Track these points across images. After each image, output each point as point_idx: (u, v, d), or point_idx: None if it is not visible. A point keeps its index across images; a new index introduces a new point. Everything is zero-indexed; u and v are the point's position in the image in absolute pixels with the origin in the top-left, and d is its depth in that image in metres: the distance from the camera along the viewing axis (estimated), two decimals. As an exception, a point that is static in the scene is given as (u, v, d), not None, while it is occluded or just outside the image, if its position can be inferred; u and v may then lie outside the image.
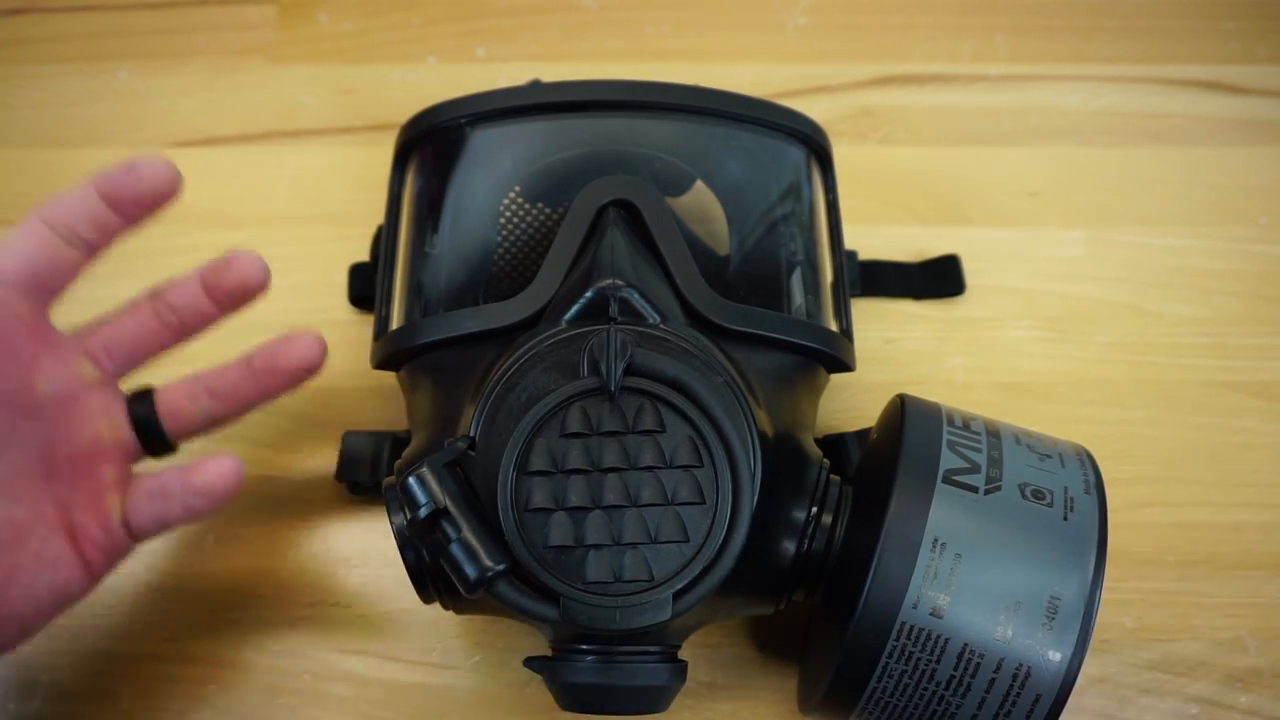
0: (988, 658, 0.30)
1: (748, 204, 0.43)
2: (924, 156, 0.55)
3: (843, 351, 0.40)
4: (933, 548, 0.31)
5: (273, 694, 0.41)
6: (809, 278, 0.42)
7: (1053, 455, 0.34)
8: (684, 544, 0.31)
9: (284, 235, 0.52)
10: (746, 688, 0.42)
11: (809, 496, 0.35)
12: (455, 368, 0.37)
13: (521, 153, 0.42)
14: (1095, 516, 0.32)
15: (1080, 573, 0.31)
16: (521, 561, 0.31)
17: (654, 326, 0.34)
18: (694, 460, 0.31)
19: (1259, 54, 0.58)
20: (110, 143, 0.55)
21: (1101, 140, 0.55)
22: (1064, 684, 0.30)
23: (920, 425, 0.34)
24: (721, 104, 0.41)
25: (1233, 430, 0.47)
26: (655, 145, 0.42)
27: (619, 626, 0.30)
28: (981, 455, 0.33)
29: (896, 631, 0.31)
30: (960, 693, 0.31)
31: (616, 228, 0.36)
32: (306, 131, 0.55)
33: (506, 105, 0.41)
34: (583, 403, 0.32)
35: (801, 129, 0.43)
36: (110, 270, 0.51)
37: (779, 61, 0.58)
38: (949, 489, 0.32)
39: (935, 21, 0.59)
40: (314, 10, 0.59)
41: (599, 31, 0.58)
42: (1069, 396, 0.48)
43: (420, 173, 0.44)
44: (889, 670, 0.31)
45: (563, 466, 0.31)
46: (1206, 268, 0.51)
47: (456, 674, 0.42)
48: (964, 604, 0.30)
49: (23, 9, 0.59)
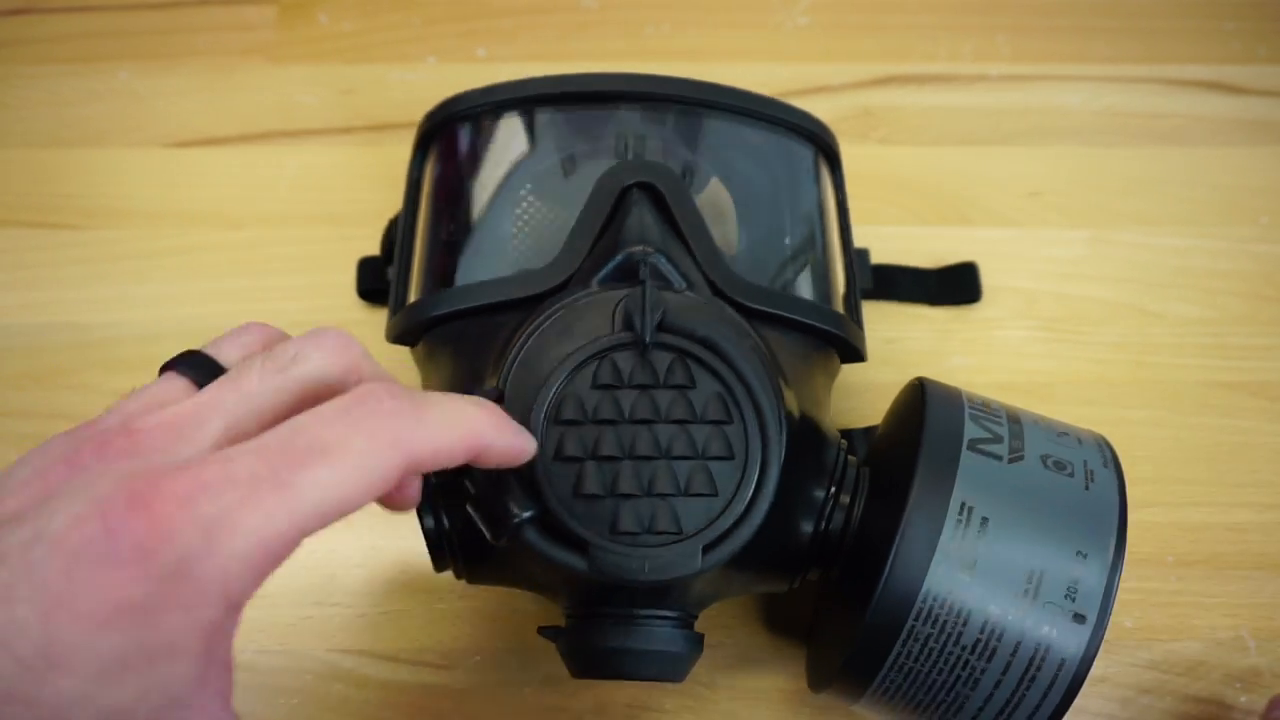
0: (1012, 621, 0.30)
1: (759, 200, 0.43)
2: (924, 156, 0.55)
3: (857, 339, 0.40)
4: (960, 511, 0.31)
5: (273, 694, 0.41)
6: (819, 274, 0.43)
7: (1070, 434, 0.35)
8: (713, 498, 0.31)
9: (284, 235, 0.52)
10: (747, 687, 0.42)
11: (828, 476, 0.35)
12: (478, 336, 0.37)
13: (540, 143, 0.43)
14: (1115, 488, 0.33)
15: (1103, 543, 0.31)
16: (551, 508, 0.31)
17: (683, 292, 0.35)
18: (724, 416, 0.32)
19: (1260, 54, 0.58)
20: (110, 143, 0.55)
21: (1103, 140, 0.55)
22: (1088, 651, 0.30)
23: (943, 399, 0.34)
24: (738, 100, 0.42)
25: (1234, 430, 0.47)
26: (672, 137, 0.42)
27: (648, 577, 0.30)
28: (1003, 428, 0.34)
29: (923, 595, 0.31)
30: (985, 656, 0.31)
31: (642, 205, 0.36)
32: (306, 131, 0.55)
33: (526, 95, 0.41)
34: (614, 356, 0.32)
35: (811, 128, 0.44)
36: (111, 270, 0.51)
37: (779, 61, 0.58)
38: (974, 456, 0.32)
39: (935, 21, 0.59)
40: (314, 10, 0.59)
41: (599, 31, 0.58)
42: (1070, 396, 0.48)
43: (441, 159, 0.44)
44: (915, 633, 0.31)
45: (593, 416, 0.31)
46: (1208, 268, 0.51)
47: (456, 674, 0.42)
48: (990, 568, 0.31)
49: (22, 9, 0.59)
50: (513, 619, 0.43)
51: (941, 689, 0.32)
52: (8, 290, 0.51)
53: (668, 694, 0.41)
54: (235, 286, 0.51)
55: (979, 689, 0.31)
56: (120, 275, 0.51)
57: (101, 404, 0.50)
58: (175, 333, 0.49)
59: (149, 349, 0.49)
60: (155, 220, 0.53)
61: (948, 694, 0.32)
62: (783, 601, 0.43)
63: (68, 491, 0.22)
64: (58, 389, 0.48)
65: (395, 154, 0.54)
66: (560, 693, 0.41)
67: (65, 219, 0.53)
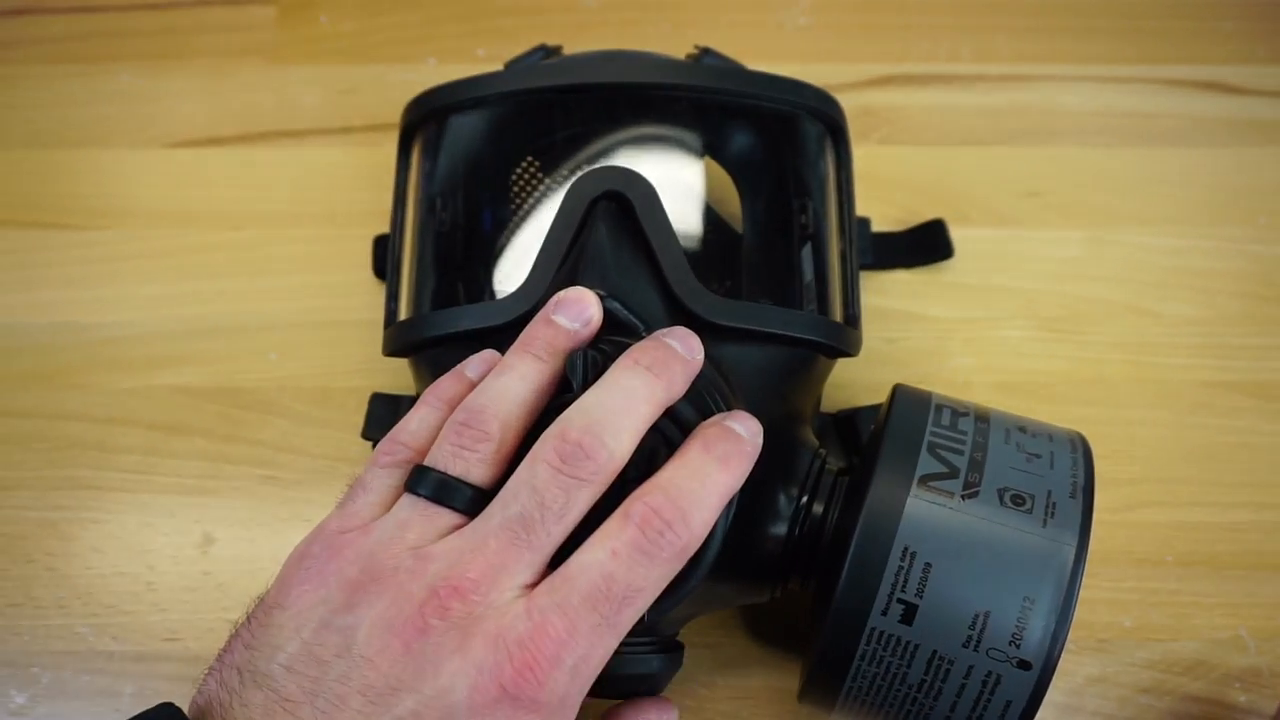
0: (957, 665, 0.31)
1: (756, 181, 0.43)
2: (924, 156, 0.55)
3: (839, 339, 0.39)
4: (902, 556, 0.31)
5: (273, 694, 0.41)
6: (818, 255, 0.42)
7: (1043, 455, 0.34)
8: None
9: (284, 235, 0.52)
10: (746, 687, 0.42)
11: (799, 485, 0.35)
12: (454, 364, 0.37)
13: (521, 134, 0.42)
14: (1078, 521, 0.32)
15: (1052, 582, 0.30)
16: None
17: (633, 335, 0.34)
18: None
19: (1258, 54, 0.58)
20: (111, 143, 0.55)
21: (1101, 140, 0.55)
22: (1036, 690, 0.30)
23: (902, 426, 0.34)
24: (728, 81, 0.41)
25: (1232, 430, 0.47)
26: (659, 124, 0.42)
27: None
28: (963, 458, 0.33)
29: (867, 636, 0.31)
30: (932, 696, 0.31)
31: (605, 223, 0.36)
32: (306, 131, 0.55)
33: (503, 90, 0.41)
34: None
35: (810, 102, 0.42)
36: (111, 270, 0.51)
37: (779, 61, 0.57)
38: (923, 498, 0.32)
39: (935, 21, 0.59)
40: (314, 10, 0.59)
41: (599, 31, 0.58)
42: (1068, 396, 0.48)
43: (421, 159, 0.44)
44: (861, 672, 0.31)
45: None
46: (1206, 268, 0.51)
47: (457, 674, 0.42)
48: (932, 613, 0.30)
49: (23, 9, 0.59)
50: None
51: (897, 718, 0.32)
52: (9, 290, 0.51)
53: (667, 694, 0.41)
54: (235, 286, 0.51)
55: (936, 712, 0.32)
56: (120, 275, 0.51)
57: (102, 404, 0.50)
58: (175, 333, 0.49)
59: (149, 349, 0.49)
60: (155, 220, 0.53)
61: None
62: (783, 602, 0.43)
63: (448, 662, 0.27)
64: (59, 389, 0.48)
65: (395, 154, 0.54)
66: (560, 692, 0.41)
67: (66, 219, 0.53)
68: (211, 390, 0.48)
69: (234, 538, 0.44)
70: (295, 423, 0.47)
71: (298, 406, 0.47)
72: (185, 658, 0.42)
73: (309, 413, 0.47)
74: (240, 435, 0.47)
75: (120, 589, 0.43)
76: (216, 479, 0.45)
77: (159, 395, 0.48)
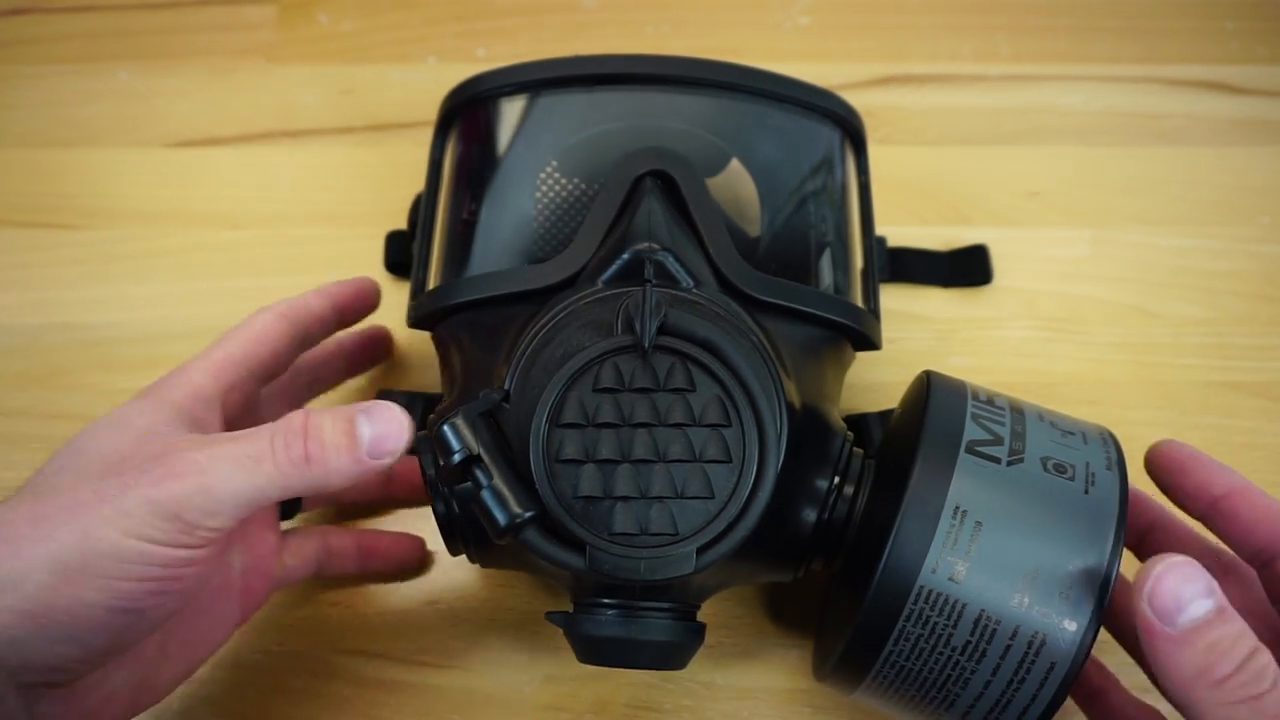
0: (1004, 625, 0.31)
1: (781, 183, 0.43)
2: (924, 156, 0.55)
3: (870, 328, 0.40)
4: (954, 515, 0.31)
5: (273, 694, 0.41)
6: (839, 258, 0.43)
7: (1075, 433, 0.35)
8: (709, 500, 0.31)
9: (284, 235, 0.52)
10: (747, 687, 0.42)
11: (832, 466, 0.36)
12: (491, 326, 0.37)
13: (561, 123, 0.43)
14: (1116, 491, 0.32)
15: (1099, 545, 0.31)
16: (550, 510, 0.31)
17: (687, 291, 0.35)
18: (722, 420, 0.32)
19: (1260, 54, 0.57)
20: (110, 143, 0.55)
21: (1102, 140, 0.55)
22: (1079, 653, 0.30)
23: (945, 397, 0.34)
24: (761, 82, 0.41)
25: (1235, 430, 0.47)
26: (693, 121, 0.42)
27: (643, 577, 0.31)
28: (1005, 429, 0.34)
29: (915, 595, 0.31)
30: (975, 658, 0.31)
31: (653, 196, 0.36)
32: (306, 131, 0.55)
33: (548, 76, 0.41)
34: (616, 359, 0.32)
35: (836, 110, 0.43)
36: (110, 270, 0.51)
37: (779, 61, 0.57)
38: (971, 459, 0.32)
39: (935, 21, 0.59)
40: (314, 10, 0.59)
41: (599, 31, 0.58)
42: (1070, 396, 0.48)
43: (461, 140, 0.44)
44: (905, 633, 0.31)
45: (594, 420, 0.32)
46: (1208, 268, 0.51)
47: (456, 674, 0.42)
48: (982, 571, 0.31)
49: (22, 9, 0.59)
50: (512, 619, 0.43)
51: (933, 687, 0.32)
52: (7, 290, 0.51)
53: (667, 693, 0.41)
54: (235, 286, 0.51)
55: (969, 689, 0.31)
56: (120, 275, 0.51)
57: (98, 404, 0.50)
58: (175, 333, 0.49)
59: (149, 349, 0.49)
60: (155, 220, 0.53)
61: (939, 691, 0.32)
62: (787, 599, 0.43)
63: None
64: (57, 389, 0.48)
65: (395, 154, 0.54)
66: (560, 692, 0.41)
67: (65, 219, 0.52)
68: (210, 390, 0.48)
69: (233, 538, 0.44)
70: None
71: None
72: (184, 658, 0.42)
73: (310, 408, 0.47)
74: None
75: (119, 589, 0.43)
76: (215, 479, 0.45)
77: (158, 395, 0.48)
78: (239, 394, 0.37)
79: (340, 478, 0.31)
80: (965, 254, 0.51)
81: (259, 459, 0.30)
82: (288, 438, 0.31)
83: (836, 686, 0.35)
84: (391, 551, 0.43)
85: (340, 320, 0.42)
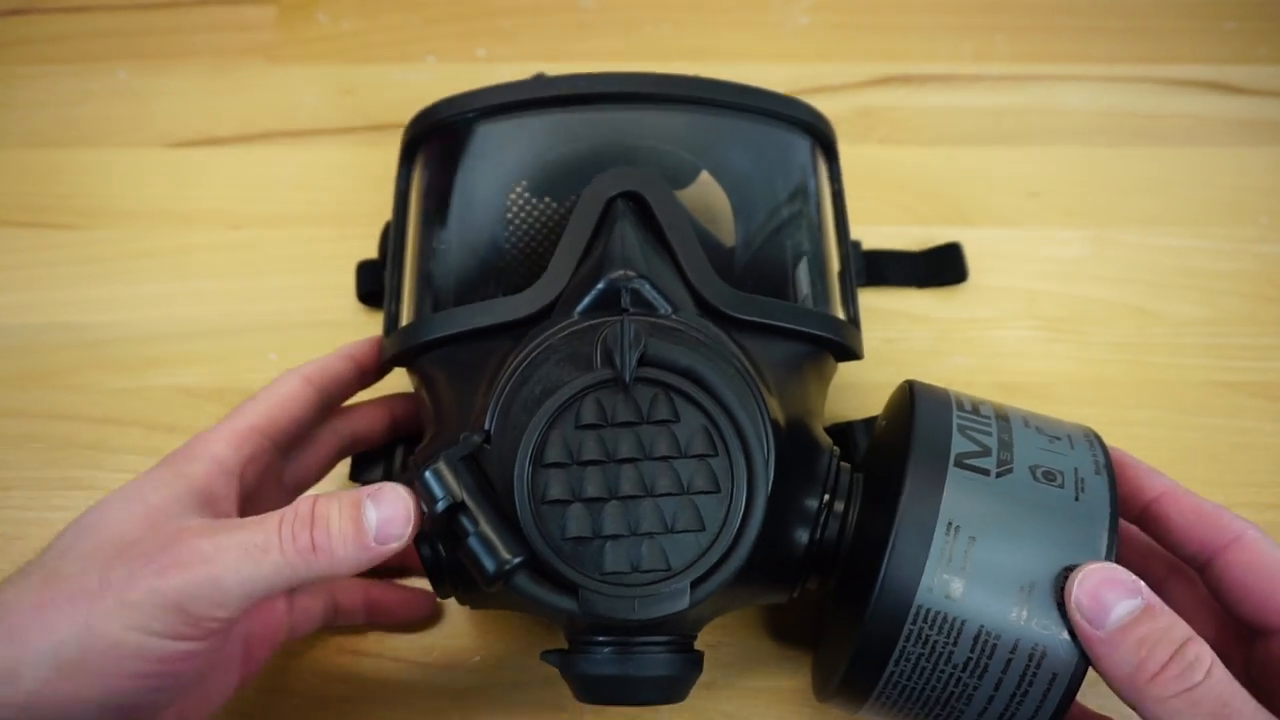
0: (1004, 639, 0.30)
1: (753, 194, 0.43)
2: (924, 156, 0.55)
3: (851, 339, 0.40)
4: (947, 531, 0.31)
5: (273, 694, 0.41)
6: (815, 268, 0.42)
7: (1062, 437, 0.34)
8: (700, 533, 0.31)
9: (284, 235, 0.52)
10: (748, 687, 0.41)
11: (821, 484, 0.35)
12: (468, 362, 0.37)
13: (528, 146, 0.42)
14: (1106, 496, 0.32)
15: (1093, 553, 0.31)
16: (539, 553, 0.31)
17: (666, 317, 0.34)
18: (708, 449, 0.31)
19: (1260, 54, 0.57)
20: (109, 143, 0.55)
21: (1102, 140, 0.55)
22: (1080, 663, 0.30)
23: (930, 410, 0.34)
24: (725, 95, 0.41)
25: (1234, 430, 0.47)
26: (660, 137, 0.42)
27: (637, 616, 0.30)
28: (992, 438, 0.33)
29: (913, 615, 0.31)
30: (977, 674, 0.31)
31: (626, 219, 0.36)
32: (306, 131, 0.55)
33: (511, 100, 0.41)
34: (597, 394, 0.32)
35: (805, 118, 0.43)
36: (110, 270, 0.51)
37: (779, 61, 0.58)
38: (961, 472, 0.32)
39: (935, 21, 0.59)
40: (314, 10, 0.59)
41: (599, 31, 0.58)
42: (1069, 396, 0.48)
43: (427, 168, 0.44)
44: (906, 654, 0.31)
45: (578, 458, 0.31)
46: (1208, 268, 0.51)
47: (456, 674, 0.42)
48: (979, 586, 0.31)
49: (22, 9, 0.59)
50: (513, 619, 0.43)
51: (936, 704, 0.32)
52: (6, 290, 0.50)
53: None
54: (235, 286, 0.51)
55: (972, 705, 0.31)
56: (119, 275, 0.51)
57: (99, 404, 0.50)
58: (175, 333, 0.49)
59: (148, 349, 0.49)
60: (155, 220, 0.53)
61: (943, 709, 0.32)
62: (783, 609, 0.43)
63: None
64: (56, 389, 0.48)
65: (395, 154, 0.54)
66: (560, 693, 0.41)
67: (64, 219, 0.52)
68: (211, 390, 0.48)
69: (233, 538, 0.44)
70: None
71: (297, 407, 0.47)
72: (184, 658, 0.42)
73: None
74: (239, 435, 0.46)
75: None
76: (215, 479, 0.45)
77: (157, 395, 0.48)
78: (259, 464, 0.36)
79: (347, 566, 0.31)
80: (939, 253, 0.51)
81: (266, 549, 0.30)
82: (295, 526, 0.30)
83: (840, 708, 0.35)
84: (401, 610, 0.42)
85: (362, 380, 0.41)
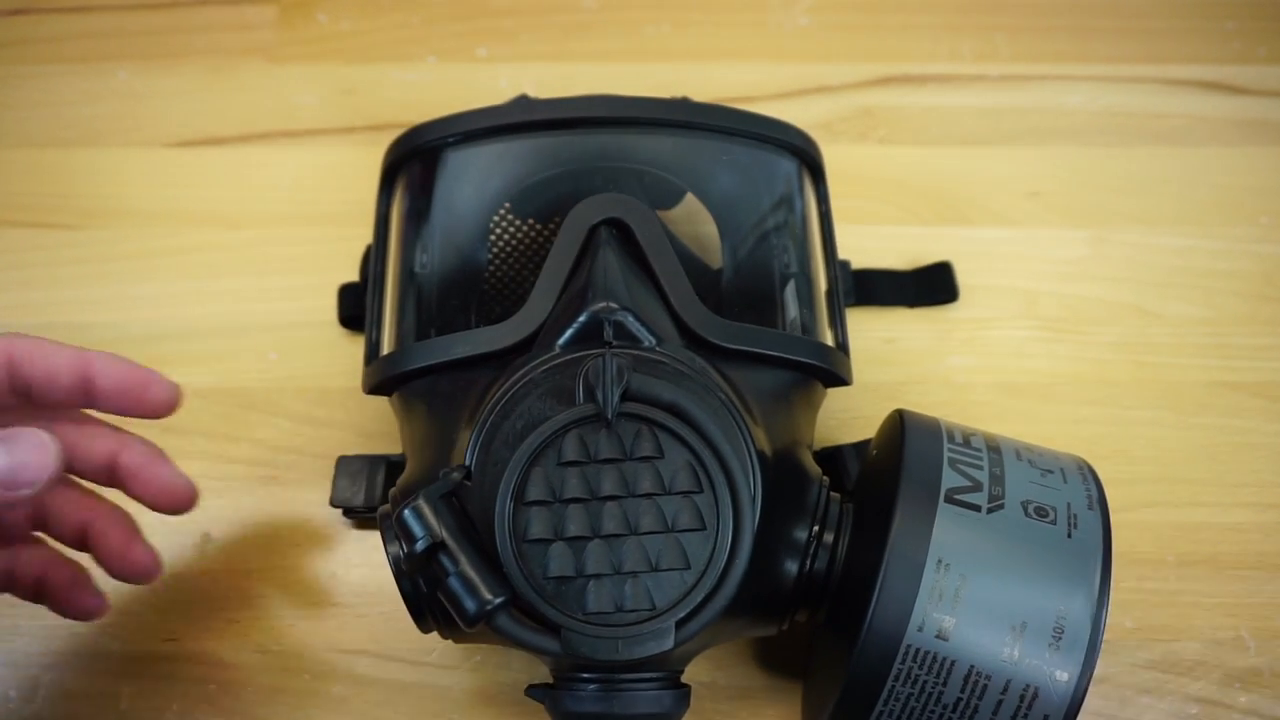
0: (995, 679, 0.30)
1: (739, 217, 0.43)
2: (924, 156, 0.55)
3: (839, 366, 0.39)
4: (937, 568, 0.30)
5: (273, 694, 0.41)
6: (803, 291, 0.42)
7: (1054, 470, 0.34)
8: (685, 571, 0.31)
9: (283, 235, 0.52)
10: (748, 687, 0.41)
11: (810, 515, 0.35)
12: (449, 393, 0.36)
13: (509, 171, 0.42)
14: (1099, 533, 0.32)
15: (1085, 591, 0.30)
16: (521, 594, 0.30)
17: (649, 350, 0.34)
18: (693, 486, 0.31)
19: (1260, 54, 0.58)
20: (109, 143, 0.55)
21: (1102, 140, 0.55)
22: (1072, 704, 0.30)
23: (920, 442, 0.33)
24: (709, 118, 0.40)
25: (1234, 430, 0.47)
26: (644, 160, 0.41)
27: (621, 657, 0.30)
28: (983, 472, 0.33)
29: (902, 655, 0.30)
30: (967, 715, 0.30)
31: (609, 247, 0.35)
32: (306, 131, 0.55)
33: (493, 124, 0.40)
34: (579, 430, 0.31)
35: (791, 140, 0.43)
36: (110, 270, 0.51)
37: (779, 61, 0.58)
38: (952, 508, 0.31)
39: (935, 21, 0.59)
40: (313, 10, 0.59)
41: (599, 31, 0.58)
42: (1069, 396, 0.48)
43: (408, 193, 0.43)
44: (895, 694, 0.31)
45: (561, 496, 0.31)
46: (1208, 268, 0.51)
47: (456, 674, 0.42)
48: (970, 625, 0.30)
49: (22, 9, 0.59)
50: (513, 619, 0.43)
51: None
52: (7, 290, 0.50)
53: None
54: (235, 286, 0.51)
55: None
56: (119, 275, 0.51)
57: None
58: (175, 333, 0.49)
59: (149, 349, 0.49)
60: (155, 220, 0.53)
61: None
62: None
63: None
64: (57, 389, 0.48)
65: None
66: (560, 693, 0.41)
67: (64, 219, 0.52)
68: (211, 390, 0.48)
69: (233, 537, 0.44)
70: (295, 423, 0.47)
71: (298, 406, 0.47)
72: (185, 658, 0.42)
73: (309, 413, 0.47)
74: (240, 435, 0.46)
75: (120, 589, 0.43)
76: (216, 479, 0.45)
77: (158, 395, 0.48)
78: None
79: None
80: (929, 272, 0.50)
81: None
82: None
83: None
84: (66, 599, 0.38)
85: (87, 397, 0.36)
